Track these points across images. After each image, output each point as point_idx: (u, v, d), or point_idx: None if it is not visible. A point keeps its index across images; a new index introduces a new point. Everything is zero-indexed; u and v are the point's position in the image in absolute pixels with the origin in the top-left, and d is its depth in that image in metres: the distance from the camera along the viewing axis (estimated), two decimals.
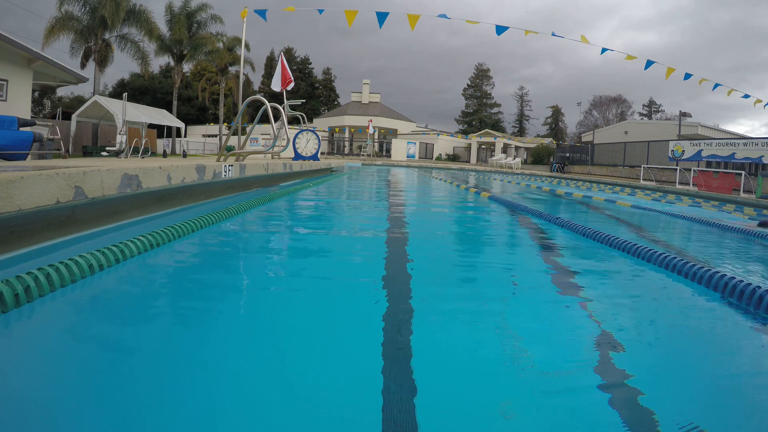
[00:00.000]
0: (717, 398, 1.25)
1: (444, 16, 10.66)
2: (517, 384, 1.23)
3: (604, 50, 11.20)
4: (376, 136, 36.29)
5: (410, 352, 1.33)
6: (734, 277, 2.12)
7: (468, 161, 35.59)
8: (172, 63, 26.51)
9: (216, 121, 37.78)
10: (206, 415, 1.02)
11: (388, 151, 34.73)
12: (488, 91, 62.06)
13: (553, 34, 11.14)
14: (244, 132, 15.22)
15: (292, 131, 11.50)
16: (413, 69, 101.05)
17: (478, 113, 60.69)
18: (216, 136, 34.40)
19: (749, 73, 74.91)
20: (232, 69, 29.84)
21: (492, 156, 33.68)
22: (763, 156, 14.33)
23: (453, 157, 36.62)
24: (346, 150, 36.18)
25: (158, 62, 44.93)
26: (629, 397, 1.17)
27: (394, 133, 39.62)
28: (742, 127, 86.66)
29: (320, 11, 10.35)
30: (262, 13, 10.31)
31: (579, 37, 10.86)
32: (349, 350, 1.40)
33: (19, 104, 11.62)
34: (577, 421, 1.07)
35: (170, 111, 23.13)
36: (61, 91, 43.48)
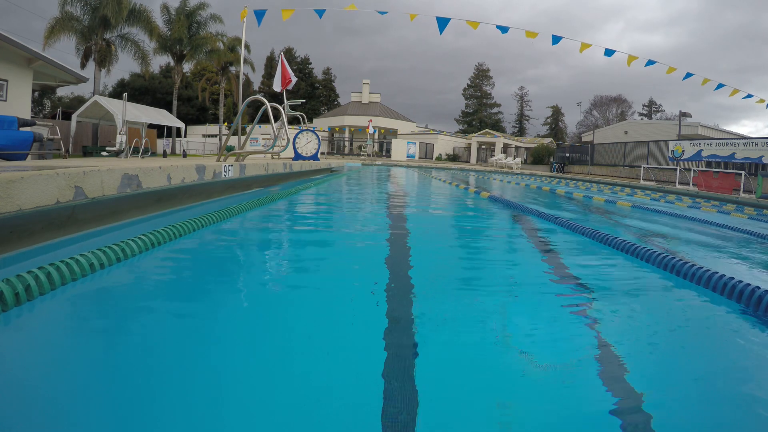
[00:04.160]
0: (716, 399, 1.25)
1: (443, 20, 10.58)
2: (517, 384, 1.23)
3: (608, 52, 11.16)
4: (376, 136, 36.28)
5: (413, 354, 1.34)
6: (734, 278, 2.12)
7: (468, 161, 35.59)
8: (172, 63, 26.52)
9: (216, 121, 37.79)
10: (205, 414, 1.02)
11: (388, 151, 34.73)
12: (488, 91, 62.14)
13: (554, 38, 11.11)
14: (244, 132, 15.23)
15: (292, 131, 11.51)
16: (417, 69, 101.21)
17: (478, 113, 60.74)
18: (216, 136, 34.43)
19: (754, 75, 75.16)
20: (232, 69, 29.85)
21: (492, 156, 33.69)
22: (763, 156, 14.34)
23: (453, 157, 36.62)
24: (346, 150, 36.17)
25: (158, 62, 45.07)
26: (629, 397, 1.17)
27: (394, 133, 39.62)
28: (745, 128, 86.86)
29: (319, 13, 10.29)
30: (260, 16, 10.26)
31: (581, 41, 10.86)
32: (350, 349, 1.40)
33: (19, 104, 11.62)
34: (578, 422, 1.08)
35: (170, 111, 23.14)
36: (61, 91, 43.58)
